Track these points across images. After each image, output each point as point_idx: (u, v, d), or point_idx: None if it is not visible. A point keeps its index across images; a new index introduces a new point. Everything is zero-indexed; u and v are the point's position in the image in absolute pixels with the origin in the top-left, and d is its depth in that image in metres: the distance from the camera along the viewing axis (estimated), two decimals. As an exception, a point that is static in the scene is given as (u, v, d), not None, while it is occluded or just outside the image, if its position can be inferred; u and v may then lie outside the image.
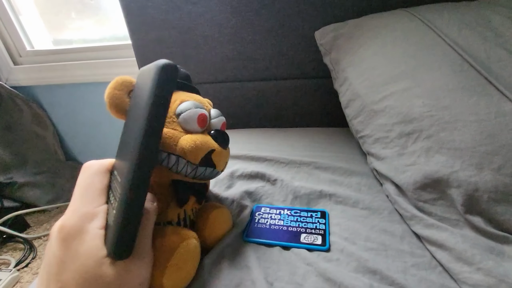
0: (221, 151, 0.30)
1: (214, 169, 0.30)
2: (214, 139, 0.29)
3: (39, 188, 1.07)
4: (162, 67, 0.18)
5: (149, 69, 0.19)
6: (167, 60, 0.19)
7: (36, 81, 1.06)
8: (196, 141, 0.27)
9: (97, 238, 0.18)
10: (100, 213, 0.20)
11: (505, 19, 0.40)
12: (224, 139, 0.31)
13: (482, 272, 0.26)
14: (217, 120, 0.32)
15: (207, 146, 0.28)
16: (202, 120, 0.29)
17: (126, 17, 0.70)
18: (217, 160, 0.30)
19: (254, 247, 0.33)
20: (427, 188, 0.34)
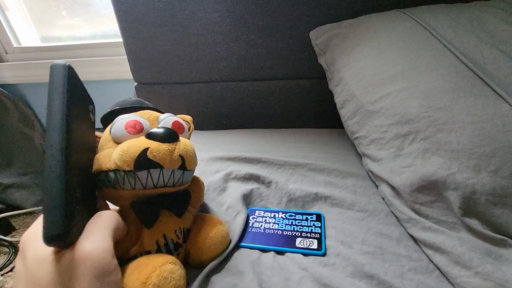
0: (159, 147, 0.25)
1: (162, 168, 0.25)
2: (147, 137, 0.25)
3: (25, 190, 1.04)
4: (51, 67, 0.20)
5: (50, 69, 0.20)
6: (61, 63, 0.20)
7: (23, 79, 1.03)
8: (122, 146, 0.24)
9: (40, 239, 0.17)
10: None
11: (499, 21, 0.40)
12: (162, 133, 0.26)
13: (480, 276, 0.26)
14: (165, 121, 0.29)
15: (136, 147, 0.24)
16: (132, 126, 0.26)
17: (117, 14, 0.68)
18: (158, 157, 0.24)
19: (248, 252, 0.32)
20: (424, 190, 0.33)
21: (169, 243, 0.27)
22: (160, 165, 0.25)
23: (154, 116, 0.29)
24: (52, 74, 0.20)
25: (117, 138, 0.26)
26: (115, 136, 0.26)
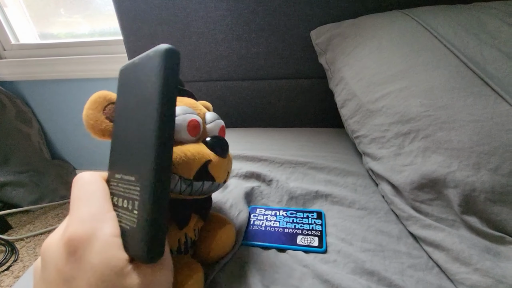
0: (219, 161, 0.26)
1: (214, 182, 0.26)
2: (210, 148, 0.25)
3: (22, 188, 1.03)
4: (165, 51, 0.16)
5: (146, 58, 0.18)
6: (168, 45, 0.16)
7: (21, 76, 1.02)
8: (187, 152, 0.23)
9: (114, 247, 0.16)
10: (110, 220, 0.17)
11: (499, 22, 0.40)
12: (222, 146, 0.27)
13: (479, 272, 0.26)
14: (214, 124, 0.28)
15: (201, 157, 0.24)
16: (193, 127, 0.25)
17: (118, 11, 0.68)
18: (215, 171, 0.25)
19: (250, 249, 0.32)
20: (424, 188, 0.33)
21: (188, 241, 0.27)
22: (215, 179, 0.26)
23: (202, 113, 0.28)
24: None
25: (176, 135, 0.24)
26: (175, 132, 0.24)
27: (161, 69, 0.16)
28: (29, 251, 0.89)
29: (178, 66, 0.17)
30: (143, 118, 0.17)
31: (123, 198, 0.18)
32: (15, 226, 0.99)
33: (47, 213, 1.06)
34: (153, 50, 0.17)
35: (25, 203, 1.03)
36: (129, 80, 0.20)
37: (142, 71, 0.18)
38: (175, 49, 0.17)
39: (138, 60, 0.19)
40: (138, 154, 0.17)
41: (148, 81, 0.17)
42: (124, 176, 0.18)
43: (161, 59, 0.16)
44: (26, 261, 0.86)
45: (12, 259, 0.86)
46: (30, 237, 0.95)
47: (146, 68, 0.17)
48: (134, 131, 0.18)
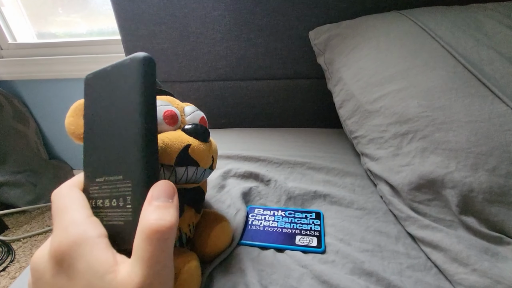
0: (200, 145, 0.26)
1: (198, 167, 0.26)
2: (188, 134, 0.26)
3: (19, 188, 1.02)
4: (144, 59, 0.18)
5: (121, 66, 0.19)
6: (144, 53, 0.18)
7: (18, 75, 1.01)
8: (164, 139, 0.24)
9: (99, 248, 0.16)
10: (92, 223, 0.17)
11: (496, 23, 0.41)
12: (201, 131, 0.27)
13: (477, 273, 0.26)
14: (193, 115, 0.29)
15: (179, 142, 0.24)
16: (170, 116, 0.26)
17: (116, 11, 0.68)
18: (198, 155, 0.26)
19: (248, 249, 0.32)
20: (422, 188, 0.33)
21: (182, 236, 0.27)
22: (198, 163, 0.26)
23: (181, 107, 0.29)
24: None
25: None
26: None
27: (142, 75, 0.17)
28: (25, 252, 0.89)
29: (155, 72, 0.18)
30: (126, 120, 0.18)
31: (110, 198, 0.18)
32: (11, 226, 0.98)
33: (44, 213, 1.06)
34: (129, 58, 0.18)
35: (22, 203, 1.02)
36: (101, 87, 0.20)
37: (118, 78, 0.19)
38: (151, 57, 0.18)
39: (110, 68, 0.20)
40: (124, 155, 0.18)
41: (128, 87, 0.18)
42: (109, 177, 0.19)
43: (141, 67, 0.18)
44: (23, 262, 0.85)
45: (8, 259, 0.85)
46: (27, 237, 0.94)
47: (124, 75, 0.18)
48: (116, 135, 0.18)
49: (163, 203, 0.16)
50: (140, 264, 0.15)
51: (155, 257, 0.15)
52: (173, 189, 0.17)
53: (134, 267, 0.15)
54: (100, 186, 0.19)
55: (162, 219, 0.15)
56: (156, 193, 0.16)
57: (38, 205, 1.05)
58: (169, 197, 0.17)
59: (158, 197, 0.16)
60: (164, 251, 0.15)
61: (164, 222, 0.15)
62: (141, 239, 0.15)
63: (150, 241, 0.15)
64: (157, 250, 0.15)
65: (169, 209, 0.16)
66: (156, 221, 0.15)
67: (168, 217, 0.16)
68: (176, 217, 0.16)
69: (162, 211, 0.16)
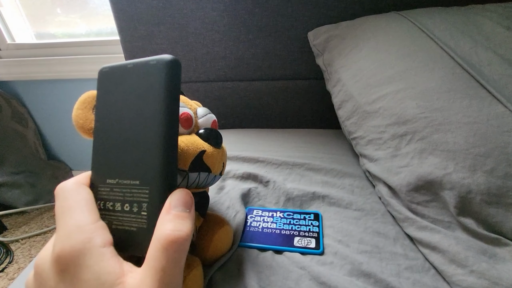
0: (214, 152, 0.26)
1: (210, 173, 0.26)
2: (203, 139, 0.26)
3: (18, 189, 1.02)
4: (171, 62, 0.17)
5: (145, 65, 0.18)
6: (171, 55, 0.17)
7: (17, 76, 1.01)
8: (180, 144, 0.23)
9: (106, 257, 0.15)
10: (99, 230, 0.16)
11: (495, 24, 0.41)
12: (215, 137, 0.27)
13: (475, 274, 0.26)
14: (206, 118, 0.28)
15: (195, 147, 0.24)
16: (185, 119, 0.25)
17: (115, 12, 0.68)
18: (211, 162, 0.26)
19: (247, 251, 0.32)
20: (421, 190, 0.33)
21: None
22: (210, 169, 0.26)
23: (194, 108, 0.28)
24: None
25: None
26: None
27: (169, 78, 0.17)
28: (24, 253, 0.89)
29: (180, 76, 0.18)
30: (146, 124, 0.17)
31: (123, 202, 0.17)
32: (10, 227, 0.98)
33: (43, 214, 1.05)
34: (155, 59, 0.18)
35: (20, 204, 1.02)
36: (118, 83, 0.19)
37: (140, 77, 0.18)
38: (178, 60, 0.18)
39: (131, 66, 0.19)
40: (143, 159, 0.17)
41: (152, 88, 0.17)
42: (123, 180, 0.18)
43: (168, 69, 0.17)
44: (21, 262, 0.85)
45: (7, 261, 0.85)
46: (26, 238, 0.94)
47: (147, 75, 0.18)
48: (132, 136, 0.18)
49: (181, 213, 0.16)
50: (152, 275, 0.14)
51: (168, 269, 0.15)
52: (191, 199, 0.17)
53: (146, 277, 0.14)
54: (111, 188, 0.18)
55: (179, 229, 0.15)
56: (174, 202, 0.16)
57: (36, 205, 1.05)
58: (187, 207, 0.16)
59: (176, 206, 0.16)
60: (178, 262, 0.15)
61: (180, 233, 0.15)
62: (156, 249, 0.15)
63: (166, 252, 0.15)
64: (171, 262, 0.15)
65: (186, 219, 0.16)
66: (173, 232, 0.15)
67: (184, 228, 0.15)
68: (192, 228, 0.16)
69: (179, 221, 0.15)
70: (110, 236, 0.16)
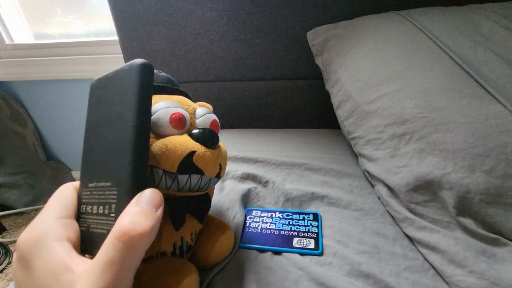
0: (205, 152, 0.24)
1: (202, 175, 0.24)
2: (195, 139, 0.24)
3: (17, 189, 1.02)
4: (140, 66, 0.17)
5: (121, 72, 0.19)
6: (142, 59, 0.18)
7: (15, 76, 1.01)
8: (168, 144, 0.22)
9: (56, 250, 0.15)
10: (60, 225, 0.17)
11: (493, 24, 0.41)
12: (208, 137, 0.25)
13: (474, 275, 0.26)
14: (204, 118, 0.27)
15: (183, 148, 0.23)
16: (177, 119, 0.23)
17: (114, 12, 0.68)
18: (202, 163, 0.24)
19: (245, 252, 0.32)
20: (419, 190, 0.33)
21: (183, 245, 0.26)
22: (202, 171, 0.24)
23: (192, 108, 0.27)
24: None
25: (156, 129, 0.23)
26: (155, 127, 0.23)
27: (138, 82, 0.17)
28: (23, 254, 0.88)
29: (152, 79, 0.18)
30: (119, 126, 0.18)
31: (98, 204, 0.18)
32: (9, 228, 0.98)
33: (42, 215, 1.05)
34: (127, 64, 0.18)
35: (19, 204, 1.02)
36: (102, 93, 0.20)
37: (117, 84, 0.19)
38: (149, 63, 0.18)
39: (111, 74, 0.20)
40: (114, 161, 0.17)
41: (125, 93, 0.18)
42: (99, 183, 0.18)
43: (137, 73, 0.17)
44: (21, 263, 0.85)
45: (6, 261, 0.85)
46: (25, 239, 0.94)
47: (121, 81, 0.18)
48: (109, 140, 0.18)
49: (143, 210, 0.15)
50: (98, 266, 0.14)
51: (115, 262, 0.14)
52: (160, 199, 0.16)
53: (92, 268, 0.14)
54: (91, 191, 0.19)
55: (135, 223, 0.14)
56: (141, 199, 0.16)
57: (35, 206, 1.04)
58: (154, 207, 0.16)
59: (141, 203, 0.15)
60: (128, 258, 0.14)
61: (136, 226, 0.14)
62: (108, 241, 0.14)
63: (116, 243, 0.14)
64: (119, 255, 0.14)
65: (148, 217, 0.15)
66: (128, 224, 0.14)
67: (142, 223, 0.14)
68: (152, 228, 0.15)
69: (139, 216, 0.15)
70: (71, 233, 0.17)
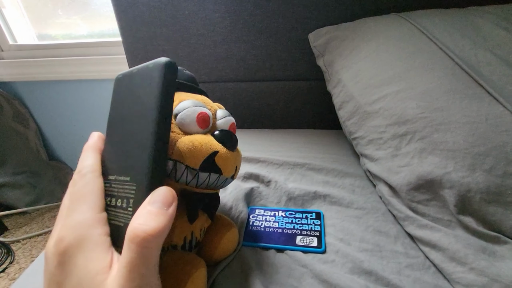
0: (227, 154, 0.26)
1: (221, 175, 0.26)
2: (218, 140, 0.26)
3: (18, 189, 1.02)
4: (165, 64, 0.18)
5: (145, 69, 0.19)
6: (167, 58, 0.18)
7: (18, 77, 1.01)
8: (194, 142, 0.24)
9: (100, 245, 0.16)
10: (102, 220, 0.17)
11: (493, 26, 0.41)
12: (230, 139, 0.27)
13: (475, 272, 0.27)
14: (224, 120, 0.28)
15: (208, 147, 0.24)
16: (202, 119, 0.25)
17: (117, 13, 0.68)
18: (222, 164, 0.25)
19: (249, 250, 0.32)
20: (421, 189, 0.34)
21: (193, 240, 0.27)
22: (221, 171, 0.26)
23: (214, 109, 0.28)
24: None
25: (182, 126, 0.25)
26: (182, 124, 0.25)
27: (162, 79, 0.18)
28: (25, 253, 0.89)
29: (175, 77, 0.19)
30: (141, 122, 0.18)
31: (117, 197, 0.18)
32: (11, 227, 0.98)
33: (44, 214, 1.06)
34: (152, 62, 0.19)
35: (21, 204, 1.02)
36: (125, 88, 0.21)
37: (140, 81, 0.19)
38: (173, 62, 0.18)
39: (136, 70, 0.20)
40: (134, 156, 0.18)
41: (148, 89, 0.18)
42: (118, 177, 0.19)
43: (161, 71, 0.18)
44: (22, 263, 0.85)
45: (8, 261, 0.85)
46: (26, 239, 0.94)
47: (145, 78, 0.19)
48: (130, 135, 0.19)
49: (155, 210, 0.15)
50: (122, 269, 0.14)
51: (134, 264, 0.14)
52: (173, 198, 0.16)
53: (119, 271, 0.14)
54: (111, 184, 0.19)
55: (146, 224, 0.14)
56: (153, 198, 0.16)
57: (37, 206, 1.05)
58: (166, 205, 0.16)
59: (154, 202, 0.16)
60: (146, 258, 0.14)
61: (147, 227, 0.14)
62: (125, 243, 0.15)
63: (131, 245, 0.14)
64: (137, 257, 0.14)
65: (160, 216, 0.15)
66: (140, 226, 0.15)
67: (153, 224, 0.15)
68: (164, 226, 0.15)
69: (151, 217, 0.15)
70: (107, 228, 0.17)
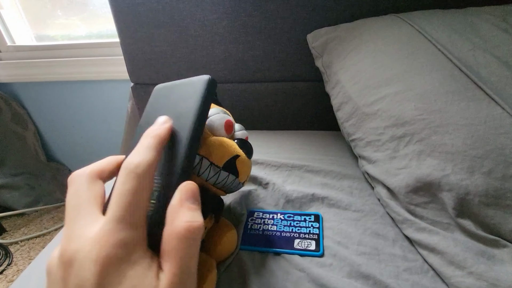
0: (246, 159, 0.29)
1: (237, 178, 0.29)
2: (239, 146, 0.29)
3: (17, 190, 1.02)
4: (208, 80, 0.21)
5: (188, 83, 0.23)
6: (209, 76, 0.22)
7: (16, 78, 1.01)
8: (223, 142, 0.27)
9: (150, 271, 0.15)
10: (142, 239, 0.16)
11: (492, 27, 0.41)
12: (250, 148, 0.31)
13: (473, 276, 0.26)
14: (241, 133, 0.32)
15: (233, 149, 0.28)
16: (229, 126, 0.29)
17: (115, 14, 0.68)
18: (241, 168, 0.28)
19: (247, 254, 0.32)
20: (419, 191, 0.34)
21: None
22: (238, 174, 0.29)
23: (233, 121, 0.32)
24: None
25: (211, 129, 0.28)
26: (210, 126, 0.28)
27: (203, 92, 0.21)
28: (23, 255, 0.88)
29: (214, 92, 0.22)
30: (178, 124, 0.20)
31: None
32: (9, 229, 0.98)
33: (42, 216, 1.05)
34: (196, 77, 0.22)
35: (20, 206, 1.02)
36: (165, 97, 0.24)
37: (183, 91, 0.22)
38: (214, 80, 0.22)
39: (179, 82, 0.24)
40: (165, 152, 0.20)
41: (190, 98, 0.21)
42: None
43: (204, 84, 0.21)
44: (20, 265, 0.85)
45: (6, 263, 0.85)
46: (25, 240, 0.94)
47: (189, 89, 0.22)
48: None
49: (192, 205, 0.17)
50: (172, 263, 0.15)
51: (187, 257, 0.16)
52: (198, 191, 0.18)
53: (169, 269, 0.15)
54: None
55: (195, 220, 0.16)
56: (186, 195, 0.17)
57: (36, 207, 1.05)
58: (196, 200, 0.18)
59: (188, 199, 0.17)
60: (195, 252, 0.16)
61: (196, 223, 0.16)
62: (176, 239, 0.16)
63: (185, 241, 0.15)
64: (188, 251, 0.16)
65: (198, 211, 0.17)
66: (191, 223, 0.16)
67: (199, 218, 0.17)
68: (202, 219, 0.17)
69: (193, 213, 0.17)
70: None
